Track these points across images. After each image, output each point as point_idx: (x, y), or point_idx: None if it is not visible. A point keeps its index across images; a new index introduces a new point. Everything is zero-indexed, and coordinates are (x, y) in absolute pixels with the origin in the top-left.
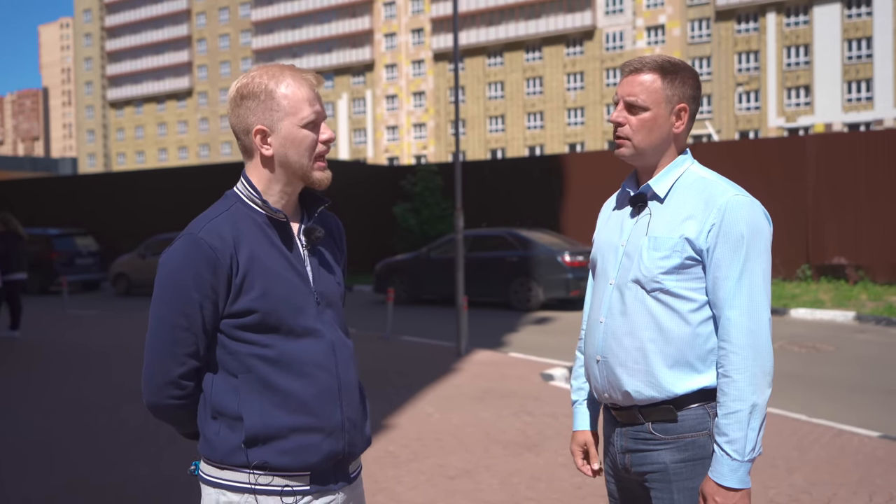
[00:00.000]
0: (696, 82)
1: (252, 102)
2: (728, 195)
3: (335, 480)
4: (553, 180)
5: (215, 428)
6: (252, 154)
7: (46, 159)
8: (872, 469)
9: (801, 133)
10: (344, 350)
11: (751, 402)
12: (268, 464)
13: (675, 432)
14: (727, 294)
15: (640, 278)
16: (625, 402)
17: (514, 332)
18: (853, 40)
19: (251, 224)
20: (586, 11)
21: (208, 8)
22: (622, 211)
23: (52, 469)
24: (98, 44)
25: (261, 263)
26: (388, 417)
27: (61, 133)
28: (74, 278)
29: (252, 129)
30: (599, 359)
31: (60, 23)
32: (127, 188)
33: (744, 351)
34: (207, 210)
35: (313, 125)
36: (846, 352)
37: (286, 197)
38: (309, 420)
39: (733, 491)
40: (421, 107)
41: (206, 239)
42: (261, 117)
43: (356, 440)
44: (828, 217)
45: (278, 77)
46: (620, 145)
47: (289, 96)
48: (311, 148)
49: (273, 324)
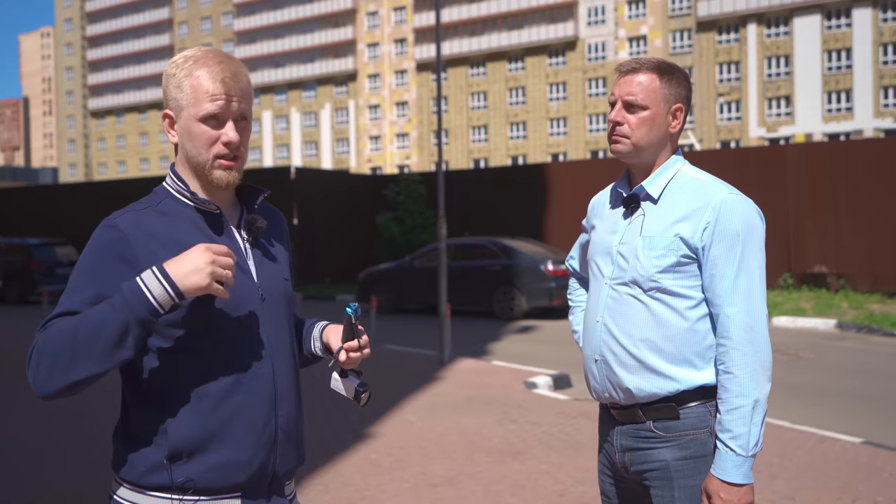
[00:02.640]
0: (689, 84)
1: (168, 83)
2: (722, 194)
3: (270, 501)
4: (536, 190)
5: (130, 444)
6: None
7: (27, 169)
8: (855, 475)
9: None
10: (284, 354)
11: (753, 397)
12: (192, 482)
13: (676, 430)
14: (725, 291)
15: (638, 278)
16: (626, 401)
17: (498, 341)
18: (833, 51)
19: (182, 220)
20: (568, 22)
21: (190, 17)
22: (615, 211)
23: (22, 477)
24: (79, 53)
25: None
26: (371, 426)
27: (42, 143)
28: (55, 288)
29: (164, 110)
30: (598, 358)
31: (41, 32)
32: (107, 197)
33: (744, 347)
34: (132, 204)
35: (215, 120)
36: (828, 359)
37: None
38: (240, 431)
39: (738, 486)
40: (404, 117)
41: (120, 225)
42: (169, 101)
43: (290, 455)
44: (809, 226)
45: (195, 62)
46: (617, 142)
47: (194, 86)
48: (208, 144)
49: (203, 321)
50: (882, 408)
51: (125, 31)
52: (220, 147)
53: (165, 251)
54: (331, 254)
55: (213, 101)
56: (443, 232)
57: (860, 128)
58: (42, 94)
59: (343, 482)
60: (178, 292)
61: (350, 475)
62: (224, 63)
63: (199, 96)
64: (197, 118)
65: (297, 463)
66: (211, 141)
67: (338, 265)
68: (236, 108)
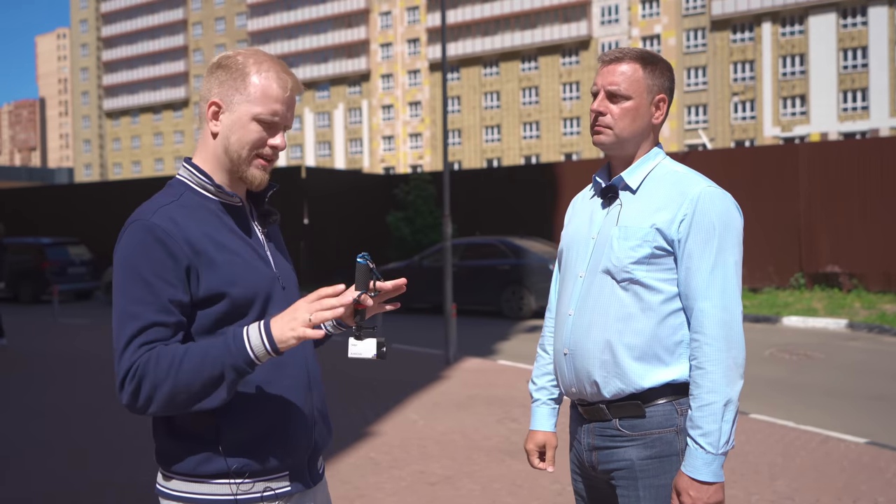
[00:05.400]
0: (672, 75)
1: (224, 74)
2: (700, 186)
3: (311, 477)
4: (547, 189)
5: (181, 437)
6: (203, 128)
7: (43, 169)
8: (857, 475)
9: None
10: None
11: (725, 394)
12: (248, 467)
13: (642, 429)
14: (700, 285)
15: (611, 268)
16: (592, 397)
17: (505, 340)
18: (849, 50)
19: (205, 212)
20: (582, 21)
21: (205, 18)
22: (592, 202)
23: (28, 474)
24: (94, 54)
25: (225, 250)
26: (372, 425)
27: (58, 143)
28: (67, 287)
29: (210, 99)
30: (567, 352)
31: (57, 33)
32: (120, 197)
33: (717, 342)
34: (154, 198)
35: (269, 125)
36: (837, 359)
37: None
38: (286, 414)
39: (707, 485)
40: (417, 116)
41: (159, 223)
42: (223, 91)
43: (324, 432)
44: (821, 225)
45: (261, 64)
46: (600, 132)
47: (259, 85)
48: (256, 145)
49: (245, 312)
50: (888, 408)
51: (140, 31)
52: (267, 150)
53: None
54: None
55: (277, 105)
56: (448, 231)
57: (876, 127)
58: (58, 95)
59: (341, 480)
60: (276, 350)
61: (348, 473)
62: (289, 74)
63: (265, 97)
64: (255, 117)
65: (329, 439)
66: (260, 142)
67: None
68: (290, 119)
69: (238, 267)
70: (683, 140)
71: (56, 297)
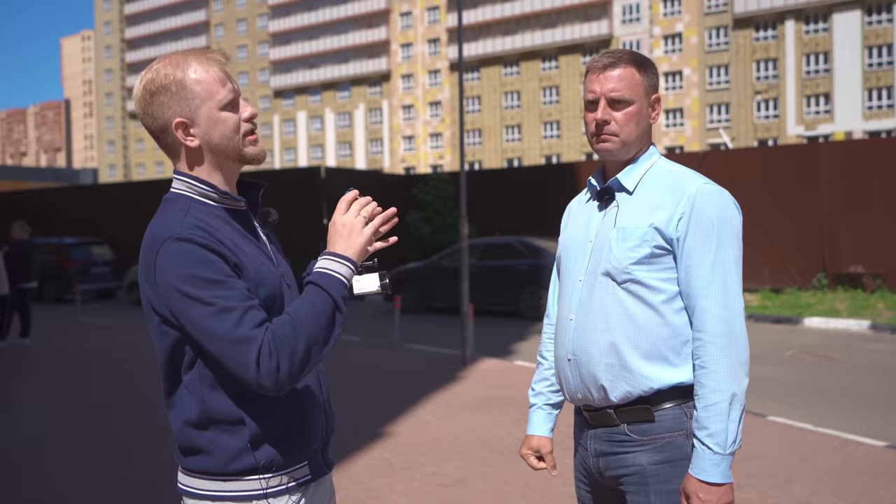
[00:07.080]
0: (657, 72)
1: (164, 97)
2: (697, 184)
3: (325, 463)
4: (567, 189)
5: (208, 437)
6: (178, 151)
7: (68, 170)
8: (876, 479)
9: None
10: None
11: (730, 393)
12: (276, 460)
13: (651, 433)
14: (700, 283)
15: (611, 270)
16: (599, 402)
17: (523, 341)
18: (874, 47)
19: (216, 220)
20: (603, 20)
21: (226, 20)
22: (588, 206)
23: (46, 473)
24: (118, 55)
25: (245, 253)
26: (387, 425)
27: (83, 144)
28: (89, 287)
29: (171, 124)
30: (571, 357)
31: (82, 35)
32: (143, 197)
33: (720, 340)
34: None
35: (232, 105)
36: (858, 361)
37: (230, 185)
38: (306, 405)
39: (716, 486)
40: (437, 116)
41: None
42: (177, 109)
43: (333, 423)
44: (844, 225)
45: (184, 64)
46: (606, 140)
47: (201, 81)
48: (236, 128)
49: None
50: None
51: (163, 33)
52: (246, 125)
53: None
54: None
55: (226, 85)
56: (464, 231)
57: None
58: (83, 97)
59: (354, 481)
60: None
61: (361, 474)
62: (205, 53)
63: (213, 86)
64: (220, 107)
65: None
66: (238, 123)
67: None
68: (235, 87)
69: (260, 268)
70: (705, 139)
71: (79, 296)
